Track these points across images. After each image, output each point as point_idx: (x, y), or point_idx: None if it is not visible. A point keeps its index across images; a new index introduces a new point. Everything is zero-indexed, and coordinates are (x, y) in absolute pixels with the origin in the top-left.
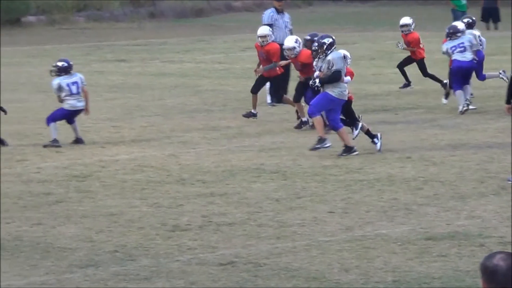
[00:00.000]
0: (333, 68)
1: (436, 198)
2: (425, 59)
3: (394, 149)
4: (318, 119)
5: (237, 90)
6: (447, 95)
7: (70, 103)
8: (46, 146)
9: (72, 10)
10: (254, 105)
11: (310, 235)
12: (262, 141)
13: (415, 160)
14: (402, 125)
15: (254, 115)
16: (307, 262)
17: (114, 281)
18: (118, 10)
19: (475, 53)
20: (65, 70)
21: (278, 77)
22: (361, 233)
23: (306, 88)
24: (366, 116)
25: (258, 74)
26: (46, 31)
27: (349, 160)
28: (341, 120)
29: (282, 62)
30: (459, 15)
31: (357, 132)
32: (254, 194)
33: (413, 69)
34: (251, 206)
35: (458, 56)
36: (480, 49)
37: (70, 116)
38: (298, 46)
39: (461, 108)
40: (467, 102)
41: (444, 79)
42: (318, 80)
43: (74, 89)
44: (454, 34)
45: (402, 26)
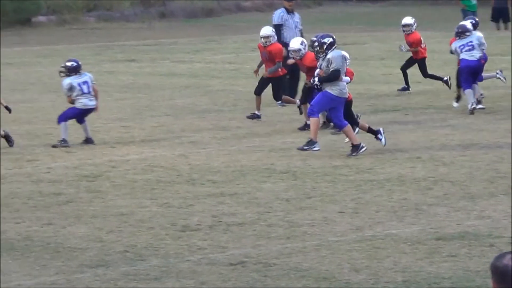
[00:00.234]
0: (332, 66)
1: (446, 198)
2: (426, 59)
3: (404, 149)
4: (315, 120)
5: (247, 90)
6: (458, 99)
7: (82, 102)
8: (55, 146)
9: (82, 10)
10: (258, 106)
11: (320, 235)
12: (272, 141)
13: (425, 160)
14: (412, 125)
15: (258, 117)
16: (317, 262)
17: (124, 281)
18: (129, 10)
19: (483, 52)
20: (74, 70)
21: (280, 77)
22: (371, 233)
23: (312, 90)
24: (376, 116)
25: (256, 75)
26: (57, 31)
27: (359, 160)
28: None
29: (290, 61)
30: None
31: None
32: (264, 194)
33: (416, 69)
34: (261, 206)
35: (466, 55)
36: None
37: (81, 115)
38: (304, 48)
39: (470, 107)
40: (475, 101)
41: (452, 79)
42: (317, 78)
43: (85, 88)
44: (463, 33)
45: (404, 26)
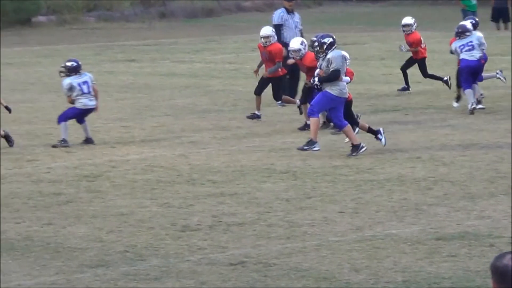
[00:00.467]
0: (332, 66)
1: (446, 198)
2: (426, 59)
3: (404, 149)
4: (315, 120)
5: (247, 90)
6: (458, 99)
7: (82, 102)
8: (55, 146)
9: (82, 10)
10: (258, 106)
11: (320, 235)
12: (272, 141)
13: (425, 160)
14: (412, 125)
15: (258, 117)
16: (317, 262)
17: (124, 281)
18: (129, 10)
19: (483, 51)
20: (74, 70)
21: (280, 77)
22: (371, 233)
23: (312, 90)
24: (376, 116)
25: (256, 75)
26: (57, 31)
27: (359, 160)
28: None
29: (290, 61)
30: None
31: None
32: (264, 194)
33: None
34: (261, 206)
35: (466, 55)
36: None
37: (82, 115)
38: (304, 48)
39: (470, 107)
40: (475, 101)
41: (452, 79)
42: (317, 78)
43: (85, 88)
44: (463, 33)
45: (404, 26)
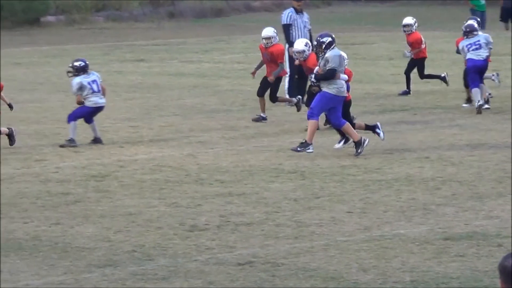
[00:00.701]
0: (328, 65)
1: (454, 198)
2: (425, 59)
3: (413, 149)
4: (313, 122)
5: (256, 90)
6: (469, 100)
7: (92, 101)
8: (62, 146)
9: (91, 10)
10: (262, 108)
11: (328, 235)
12: (280, 141)
13: (434, 160)
14: (420, 125)
15: (264, 119)
16: (325, 262)
17: (132, 280)
18: (137, 10)
19: (490, 51)
20: (82, 70)
21: (280, 78)
22: (379, 233)
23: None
24: (385, 115)
25: (253, 76)
26: (65, 31)
27: (367, 160)
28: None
29: (296, 62)
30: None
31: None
32: (272, 194)
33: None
34: (269, 206)
35: (473, 55)
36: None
37: (92, 113)
38: (308, 50)
39: (476, 104)
40: (482, 100)
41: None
42: (313, 75)
43: (95, 87)
44: (470, 32)
45: (404, 26)
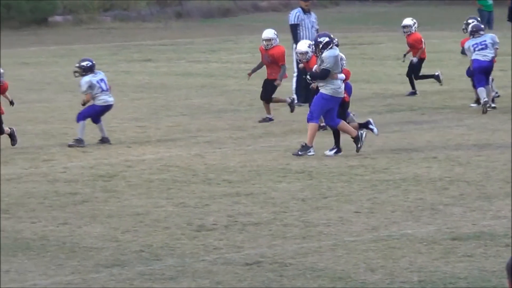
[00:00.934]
0: (323, 65)
1: (462, 198)
2: (424, 60)
3: (420, 149)
4: (313, 126)
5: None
6: (477, 101)
7: (102, 99)
8: (71, 146)
9: (98, 10)
10: (268, 110)
11: (336, 235)
12: (288, 141)
13: (441, 160)
14: (428, 125)
15: (271, 119)
16: (333, 262)
17: (140, 280)
18: (145, 10)
19: (496, 51)
20: (90, 69)
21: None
22: (386, 233)
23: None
24: (393, 115)
25: (249, 77)
26: (73, 31)
27: (375, 160)
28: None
29: (300, 66)
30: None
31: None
32: (280, 194)
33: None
34: (277, 206)
35: (478, 55)
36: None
37: (101, 112)
38: (311, 51)
39: (482, 101)
40: (485, 102)
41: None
42: (309, 74)
43: (103, 85)
44: (477, 31)
45: (404, 27)
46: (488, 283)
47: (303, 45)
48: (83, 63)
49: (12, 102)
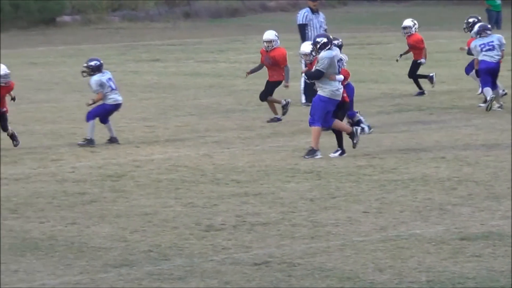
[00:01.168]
0: (317, 65)
1: (470, 198)
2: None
3: (429, 149)
4: (316, 129)
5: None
6: (486, 101)
7: (113, 98)
8: (81, 145)
9: (107, 10)
10: (274, 111)
11: (345, 235)
12: (296, 141)
13: (450, 160)
14: (436, 125)
15: (279, 119)
16: (341, 262)
17: (148, 280)
18: (153, 10)
19: (503, 52)
20: (98, 69)
21: (279, 82)
22: (395, 233)
23: None
24: (401, 115)
25: (247, 75)
26: (81, 31)
27: (383, 160)
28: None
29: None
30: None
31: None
32: (289, 194)
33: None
34: (285, 206)
35: (486, 56)
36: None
37: (111, 111)
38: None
39: (488, 98)
40: (492, 98)
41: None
42: (305, 73)
43: (112, 84)
44: (484, 31)
45: (404, 28)
46: (496, 283)
47: (306, 46)
48: (91, 63)
49: (13, 98)
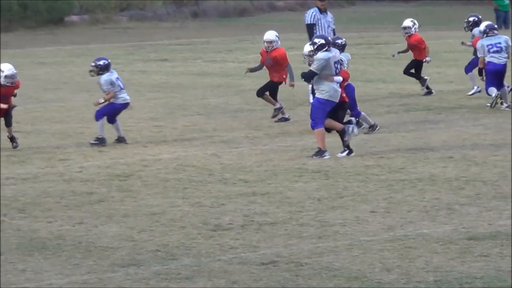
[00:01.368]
0: (312, 66)
1: (478, 198)
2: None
3: (436, 148)
4: (319, 131)
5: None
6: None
7: (122, 97)
8: (93, 144)
9: (115, 9)
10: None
11: (352, 235)
12: (304, 140)
13: (457, 159)
14: (444, 124)
15: (287, 119)
16: (349, 261)
17: (156, 280)
18: (161, 10)
19: (509, 54)
20: (106, 68)
21: (280, 83)
22: (402, 232)
23: None
24: (409, 115)
25: (247, 71)
26: (89, 31)
27: (391, 160)
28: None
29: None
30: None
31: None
32: (296, 193)
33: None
34: (293, 206)
35: (494, 58)
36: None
37: (120, 110)
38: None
39: (493, 95)
40: (497, 95)
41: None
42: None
43: (120, 83)
44: (491, 30)
45: (404, 28)
46: (504, 283)
47: (309, 47)
48: (100, 62)
49: (15, 95)
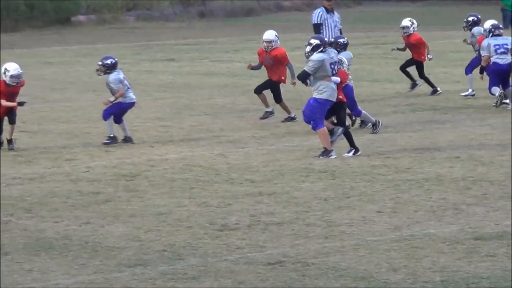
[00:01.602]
0: (306, 66)
1: (485, 198)
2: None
3: (443, 148)
4: (322, 131)
5: (285, 89)
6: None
7: (129, 96)
8: (107, 144)
9: (122, 9)
10: (287, 110)
11: (359, 235)
12: (310, 140)
13: (464, 159)
14: (451, 124)
15: (293, 119)
16: (355, 261)
17: (162, 280)
18: (168, 10)
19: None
20: (113, 67)
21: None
22: (409, 232)
23: None
24: (416, 115)
25: (248, 67)
26: (96, 31)
27: (397, 159)
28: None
29: None
30: (509, 15)
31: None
32: (303, 193)
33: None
34: (300, 206)
35: (499, 59)
36: None
37: (126, 110)
38: None
39: (496, 95)
40: (501, 93)
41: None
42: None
43: (127, 83)
44: (497, 29)
45: (403, 28)
46: (510, 283)
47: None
48: (107, 61)
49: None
